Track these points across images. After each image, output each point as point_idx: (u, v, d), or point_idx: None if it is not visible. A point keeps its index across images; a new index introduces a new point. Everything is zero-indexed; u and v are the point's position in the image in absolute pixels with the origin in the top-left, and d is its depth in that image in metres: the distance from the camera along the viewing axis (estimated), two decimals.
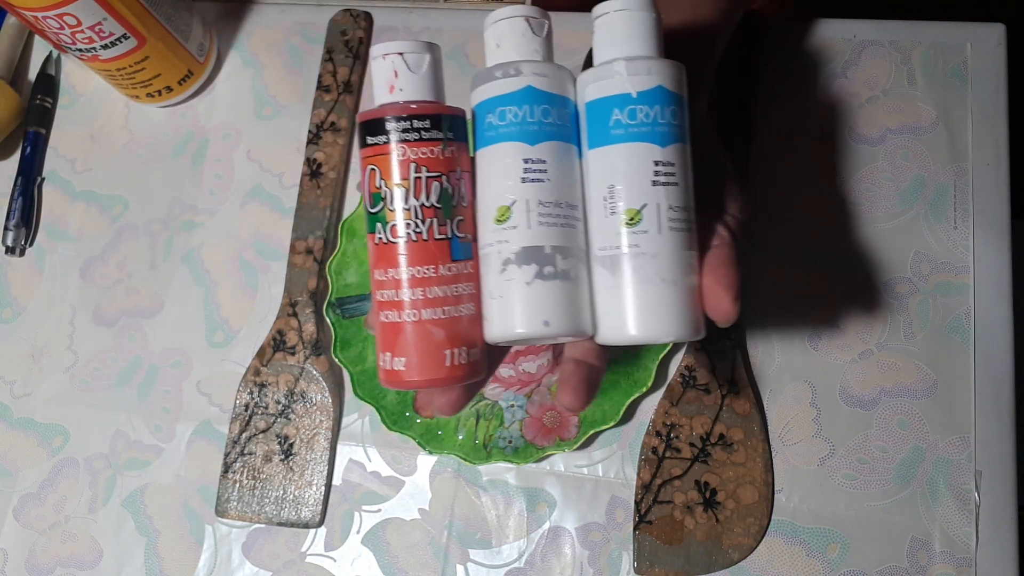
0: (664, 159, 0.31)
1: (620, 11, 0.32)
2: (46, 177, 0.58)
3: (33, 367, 0.54)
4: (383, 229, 0.31)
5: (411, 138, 0.31)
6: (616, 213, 0.31)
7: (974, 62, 0.51)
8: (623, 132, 0.31)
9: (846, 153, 0.51)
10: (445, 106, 0.32)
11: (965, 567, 0.44)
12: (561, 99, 0.32)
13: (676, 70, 0.32)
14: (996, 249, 0.48)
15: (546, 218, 0.31)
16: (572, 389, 0.32)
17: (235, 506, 0.49)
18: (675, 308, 0.30)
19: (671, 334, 0.30)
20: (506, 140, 0.31)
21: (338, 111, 0.55)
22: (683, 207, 0.31)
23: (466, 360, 0.31)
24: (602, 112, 0.31)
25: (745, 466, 0.46)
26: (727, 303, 0.31)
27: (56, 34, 0.49)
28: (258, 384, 0.50)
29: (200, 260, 0.54)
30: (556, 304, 0.31)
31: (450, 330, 0.31)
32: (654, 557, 0.45)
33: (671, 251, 0.31)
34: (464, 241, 0.31)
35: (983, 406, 0.46)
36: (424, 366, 0.31)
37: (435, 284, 0.31)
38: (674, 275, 0.30)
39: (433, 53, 0.32)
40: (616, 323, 0.31)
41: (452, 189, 0.31)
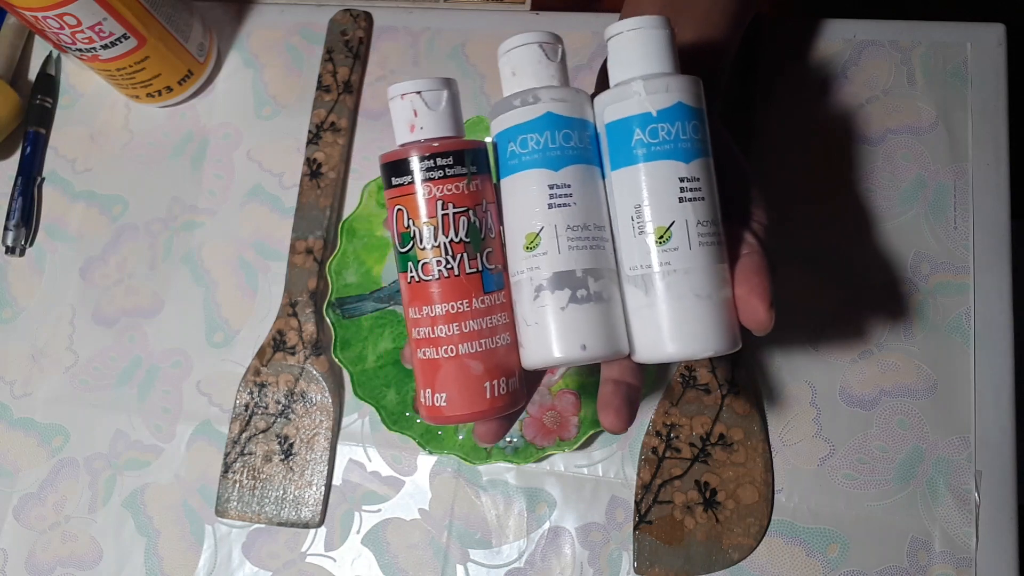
0: (689, 175, 0.30)
1: (633, 30, 0.32)
2: (46, 177, 0.58)
3: (33, 367, 0.54)
4: (415, 268, 0.31)
5: (436, 176, 0.31)
6: (645, 232, 0.31)
7: (974, 62, 0.51)
8: (646, 151, 0.31)
9: (846, 153, 0.51)
10: (467, 140, 0.32)
11: (965, 567, 0.44)
12: (581, 122, 0.32)
13: (694, 85, 0.32)
14: (996, 249, 0.48)
15: (575, 242, 0.31)
16: (615, 411, 0.32)
17: (235, 506, 0.49)
18: (711, 322, 0.30)
19: (709, 349, 0.30)
20: (530, 167, 0.31)
21: (338, 111, 0.55)
22: (711, 220, 0.31)
23: (506, 390, 0.31)
24: (623, 132, 0.31)
25: (745, 466, 0.46)
26: (762, 312, 0.31)
27: (56, 34, 0.49)
28: (258, 384, 0.50)
29: (200, 260, 0.54)
30: (592, 327, 0.31)
31: (488, 362, 0.31)
32: (654, 557, 0.45)
33: (703, 266, 0.30)
34: (495, 272, 0.32)
35: (983, 406, 0.46)
36: (466, 400, 0.31)
37: (470, 318, 0.31)
38: (708, 289, 0.30)
39: (450, 88, 0.32)
40: (653, 341, 0.31)
41: (479, 222, 0.31)
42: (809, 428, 0.47)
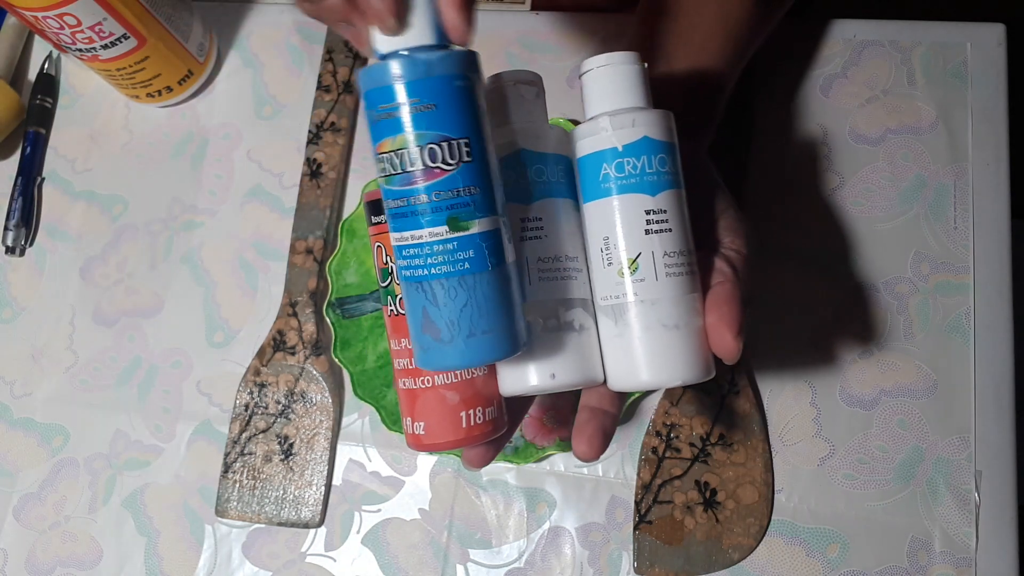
0: (655, 207, 0.31)
1: (603, 67, 0.32)
2: (46, 177, 0.58)
3: (33, 367, 0.54)
4: (393, 302, 0.32)
5: None
6: (613, 264, 0.31)
7: (974, 62, 0.51)
8: (612, 185, 0.31)
9: (846, 153, 0.51)
10: None
11: (965, 567, 0.44)
12: (554, 157, 0.33)
13: (662, 118, 0.32)
14: (996, 249, 0.48)
15: (546, 273, 0.32)
16: (587, 439, 0.32)
17: (235, 506, 0.49)
18: (681, 352, 0.31)
19: (679, 378, 0.31)
20: None
21: (338, 111, 0.55)
22: (680, 251, 0.32)
23: (482, 419, 0.32)
24: (592, 167, 0.32)
25: (745, 466, 0.46)
26: (729, 340, 0.31)
27: (56, 34, 0.49)
28: (258, 384, 0.50)
29: (200, 260, 0.54)
30: (561, 356, 0.31)
31: (464, 393, 0.32)
32: (654, 557, 0.45)
33: (671, 296, 0.31)
34: None
35: (983, 406, 0.46)
36: (442, 429, 0.32)
37: None
38: (676, 320, 0.31)
39: None
40: (625, 371, 0.32)
41: None
42: (809, 428, 0.47)
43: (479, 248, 0.29)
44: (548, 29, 0.55)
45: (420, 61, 0.28)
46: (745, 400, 0.47)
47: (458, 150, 0.29)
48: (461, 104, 0.29)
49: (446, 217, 0.29)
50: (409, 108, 0.28)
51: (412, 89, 0.28)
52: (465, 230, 0.29)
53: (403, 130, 0.28)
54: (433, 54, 0.28)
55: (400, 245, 0.30)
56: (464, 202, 0.29)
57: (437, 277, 0.29)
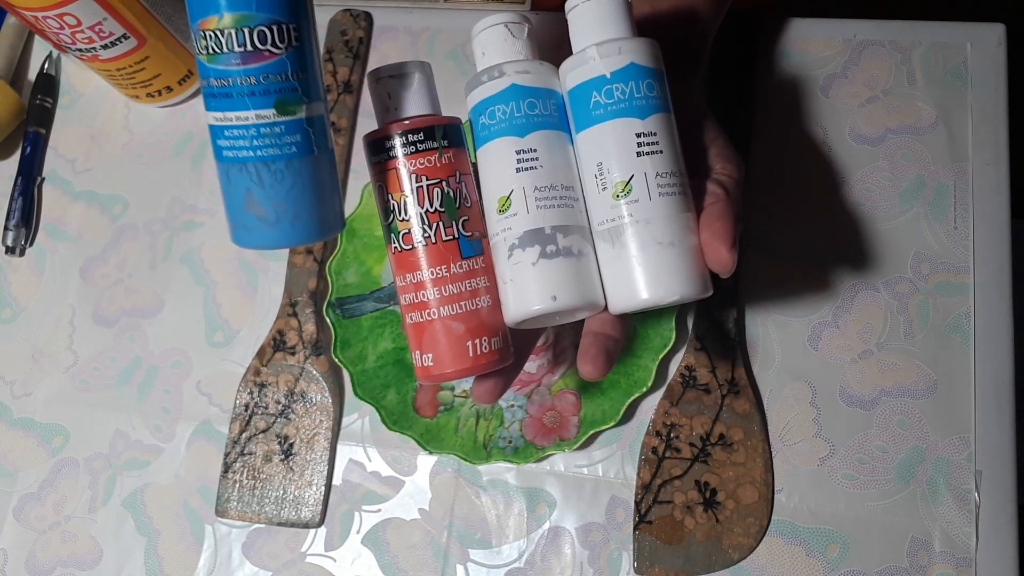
0: (645, 130, 0.32)
1: (587, 1, 0.34)
2: (46, 177, 0.58)
3: (33, 367, 0.54)
4: (396, 238, 0.33)
5: (409, 151, 0.33)
6: (607, 188, 0.32)
7: (974, 62, 0.51)
8: (603, 112, 0.32)
9: (846, 153, 0.51)
10: (438, 117, 0.34)
11: (965, 567, 0.44)
12: (546, 91, 0.34)
13: (647, 46, 0.33)
14: (996, 249, 0.48)
15: (543, 202, 0.33)
16: (591, 359, 0.34)
17: (235, 506, 0.49)
18: (677, 269, 0.32)
19: (676, 293, 0.32)
20: (498, 136, 0.33)
21: (338, 111, 0.55)
22: (671, 172, 0.32)
23: (489, 349, 0.33)
24: (583, 97, 0.33)
25: (745, 466, 0.46)
26: (724, 253, 0.32)
27: (56, 34, 0.49)
28: (258, 384, 0.50)
29: (200, 260, 0.54)
30: (562, 279, 0.32)
31: (469, 323, 0.33)
32: (654, 557, 0.45)
33: (665, 215, 0.32)
34: (472, 239, 0.33)
35: (983, 406, 0.46)
36: (450, 359, 0.33)
37: (449, 282, 0.32)
38: (671, 237, 0.32)
39: (421, 70, 0.34)
40: (624, 291, 0.32)
41: (453, 192, 0.33)
42: (809, 428, 0.47)
43: (306, 132, 0.30)
44: (548, 29, 0.55)
45: None
46: (745, 400, 0.47)
47: (287, 34, 0.29)
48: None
49: (274, 100, 0.29)
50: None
51: None
52: (293, 114, 0.29)
53: (233, 10, 0.28)
54: None
55: (222, 125, 0.30)
56: (292, 87, 0.29)
57: (264, 159, 0.29)
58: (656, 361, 0.46)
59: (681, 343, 0.48)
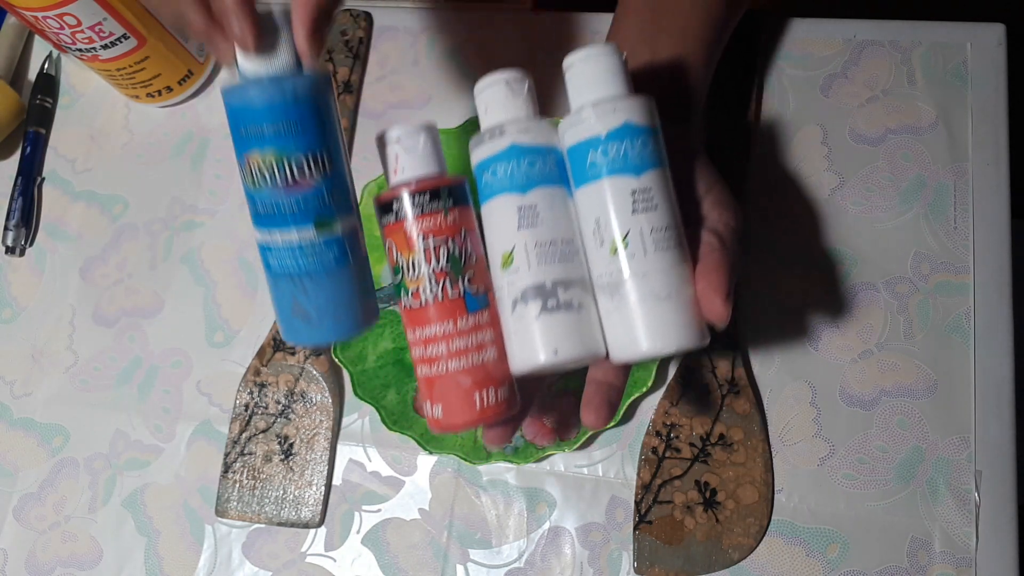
0: (640, 187, 0.33)
1: (583, 60, 0.35)
2: (46, 177, 0.58)
3: (33, 367, 0.54)
4: (406, 295, 0.35)
5: (416, 212, 0.34)
6: (605, 243, 0.33)
7: (974, 62, 0.51)
8: (599, 170, 0.33)
9: (846, 153, 0.51)
10: (444, 178, 0.35)
11: (965, 567, 0.44)
12: (545, 149, 0.35)
13: (643, 103, 0.34)
14: (996, 249, 0.48)
15: (544, 257, 0.34)
16: (594, 409, 0.35)
17: (235, 506, 0.49)
18: (674, 321, 0.33)
19: (675, 345, 0.32)
20: (500, 193, 0.34)
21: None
22: (667, 226, 0.33)
23: (495, 400, 0.34)
24: (580, 154, 0.34)
25: (745, 466, 0.46)
26: (719, 305, 0.33)
27: (56, 34, 0.49)
28: (258, 384, 0.50)
29: (200, 260, 0.54)
30: (563, 333, 0.33)
31: (476, 375, 0.34)
32: (654, 557, 0.45)
33: (661, 269, 0.33)
34: (477, 294, 0.35)
35: (983, 406, 0.46)
36: (458, 411, 0.34)
37: (456, 337, 0.34)
38: (667, 291, 0.33)
39: (428, 133, 0.35)
40: (624, 343, 0.33)
41: (459, 249, 0.34)
42: (809, 428, 0.47)
43: (342, 245, 0.33)
44: (548, 28, 0.55)
45: (288, 85, 0.32)
46: (745, 400, 0.47)
47: (322, 162, 0.33)
48: (324, 121, 0.33)
49: (314, 221, 0.33)
50: (281, 126, 0.32)
51: (283, 110, 0.32)
52: (330, 231, 0.33)
53: (274, 146, 0.32)
54: (299, 79, 0.32)
55: (269, 244, 0.33)
56: (329, 207, 0.33)
57: (307, 272, 0.33)
58: (656, 361, 0.46)
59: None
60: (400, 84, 0.56)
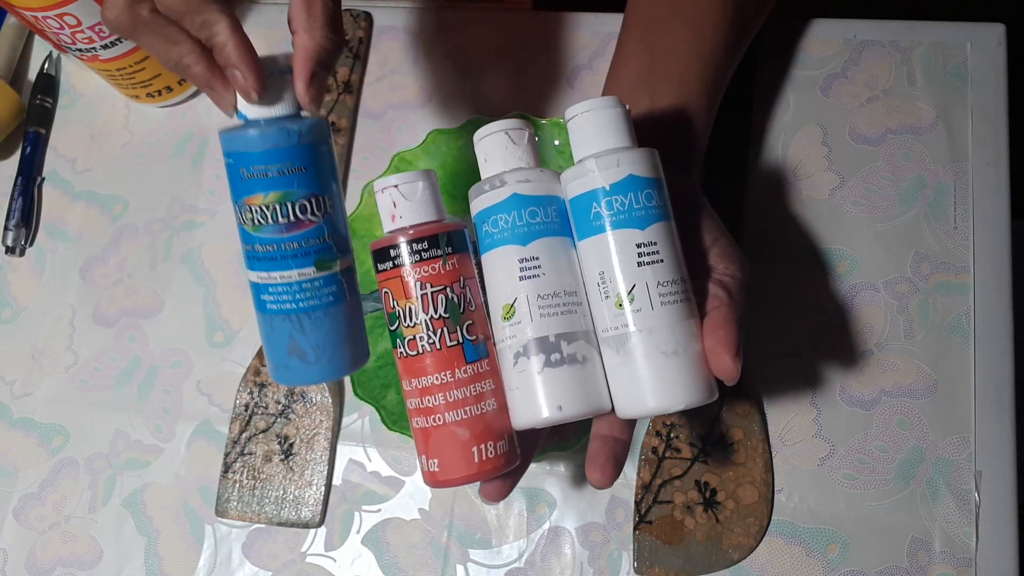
0: (645, 240, 0.32)
1: (586, 112, 0.34)
2: (46, 177, 0.58)
3: (33, 367, 0.54)
4: (402, 344, 0.34)
5: (413, 260, 0.34)
6: (610, 296, 0.33)
7: (974, 62, 0.51)
8: (603, 223, 0.33)
9: (846, 153, 0.51)
10: (442, 224, 0.35)
11: (965, 567, 0.44)
12: (547, 199, 0.34)
13: (646, 156, 0.33)
14: (996, 249, 0.48)
15: (547, 309, 0.33)
16: (600, 467, 0.34)
17: (235, 506, 0.49)
18: (682, 377, 0.32)
19: (683, 402, 0.32)
20: (501, 244, 0.34)
21: (338, 111, 0.55)
22: (673, 280, 0.33)
23: (494, 454, 0.33)
24: (583, 207, 0.33)
25: (745, 466, 0.46)
26: (728, 362, 0.32)
27: (56, 34, 0.49)
28: (258, 384, 0.50)
29: (200, 260, 0.54)
30: (567, 388, 0.33)
31: (474, 428, 0.33)
32: (654, 557, 0.45)
33: (668, 324, 0.32)
34: (476, 343, 0.34)
35: (983, 406, 0.46)
36: (455, 465, 0.33)
37: (454, 387, 0.33)
38: (675, 346, 0.32)
39: (426, 179, 0.35)
40: (631, 398, 0.33)
41: (457, 298, 0.34)
42: (809, 428, 0.47)
43: (340, 283, 0.34)
44: (548, 28, 0.55)
45: (293, 130, 0.32)
46: (745, 400, 0.47)
47: (323, 204, 0.33)
48: (324, 165, 0.33)
49: (314, 260, 0.33)
50: (283, 170, 0.32)
51: (287, 152, 0.32)
52: (330, 269, 0.34)
53: (278, 188, 0.32)
54: (302, 123, 0.33)
55: (267, 284, 0.33)
56: (328, 246, 0.34)
57: (305, 310, 0.33)
58: None
59: None
60: (400, 84, 0.56)
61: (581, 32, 0.54)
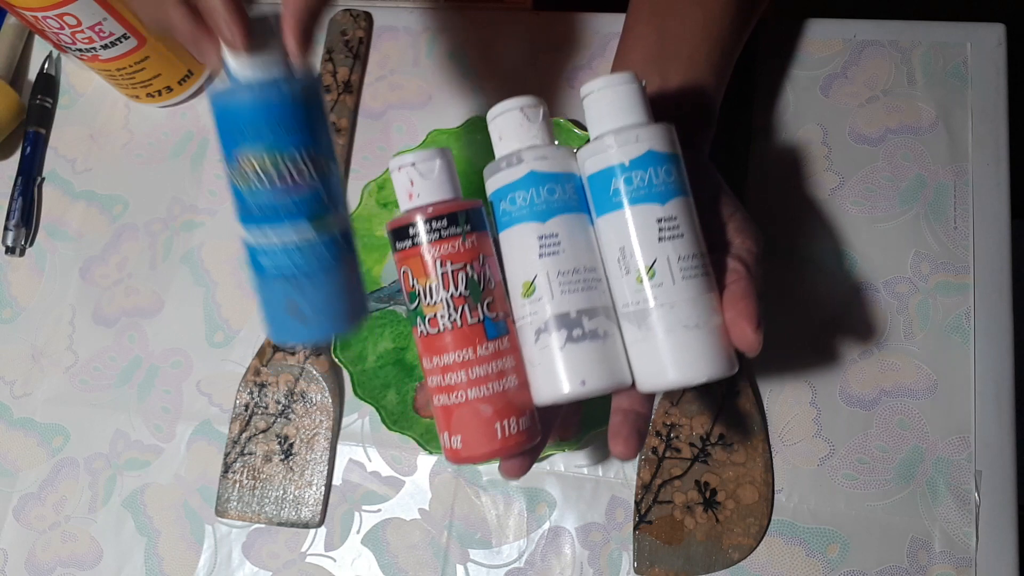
0: (666, 215, 0.32)
1: (603, 89, 0.34)
2: (46, 177, 0.58)
3: (33, 367, 0.54)
4: (423, 323, 0.34)
5: (433, 238, 0.33)
6: (631, 272, 0.33)
7: (974, 62, 0.51)
8: (623, 198, 0.33)
9: (846, 153, 0.51)
10: (460, 202, 0.34)
11: (965, 567, 0.44)
12: (564, 176, 0.34)
13: (664, 131, 0.33)
14: (996, 249, 0.48)
15: (567, 286, 0.33)
16: (623, 440, 0.34)
17: (235, 506, 0.49)
18: (703, 350, 0.32)
19: (704, 375, 0.32)
20: (520, 222, 0.34)
21: (338, 111, 0.55)
22: (693, 255, 0.33)
23: (516, 429, 0.33)
24: (602, 183, 0.33)
25: (745, 466, 0.46)
26: (750, 333, 0.32)
27: (56, 34, 0.49)
28: (258, 384, 0.50)
29: (200, 260, 0.54)
30: (589, 363, 0.33)
31: (497, 404, 0.33)
32: (654, 557, 0.45)
33: (689, 298, 0.32)
34: (497, 320, 0.34)
35: (983, 406, 0.46)
36: (478, 441, 0.33)
37: (476, 364, 0.33)
38: (696, 320, 0.32)
39: (443, 157, 0.35)
40: (652, 372, 0.33)
41: (478, 275, 0.34)
42: (809, 428, 0.47)
43: (338, 242, 0.33)
44: (549, 28, 0.55)
45: (282, 84, 0.32)
46: (745, 400, 0.47)
47: (317, 159, 0.32)
48: (317, 119, 0.33)
49: (312, 220, 0.32)
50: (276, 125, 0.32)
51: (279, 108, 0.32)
52: (327, 229, 0.33)
53: (273, 147, 0.32)
54: (292, 78, 0.32)
55: (262, 246, 0.33)
56: (325, 206, 0.33)
57: (304, 271, 0.33)
58: None
59: None
60: (400, 84, 0.56)
61: (581, 32, 0.54)
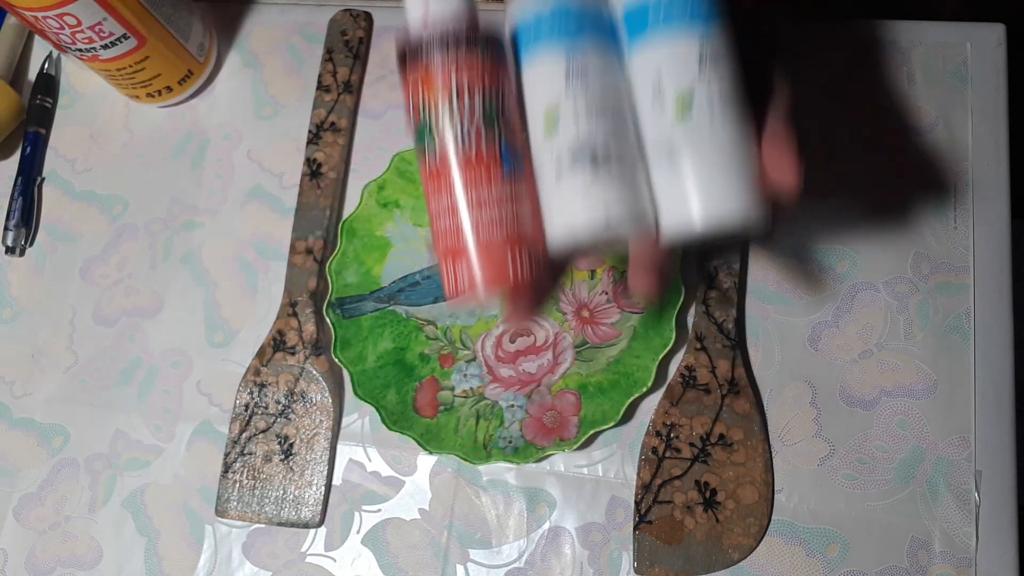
0: (708, 48, 0.30)
1: None
2: (46, 177, 0.58)
3: (33, 367, 0.54)
4: (432, 154, 0.30)
5: (450, 54, 0.30)
6: (665, 106, 0.30)
7: (974, 62, 0.51)
8: (662, 24, 0.30)
9: (846, 152, 0.51)
10: (478, 22, 0.31)
11: (965, 567, 0.44)
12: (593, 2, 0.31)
13: None
14: (996, 249, 0.48)
15: (593, 119, 0.30)
16: (645, 270, 0.31)
17: (235, 506, 0.49)
18: (735, 191, 0.30)
19: (736, 216, 0.30)
20: (545, 50, 0.31)
21: (338, 111, 0.55)
22: (732, 90, 0.30)
23: (528, 264, 0.31)
24: (639, 11, 0.31)
25: (745, 466, 0.46)
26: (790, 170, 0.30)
27: (56, 34, 0.49)
28: (258, 384, 0.50)
29: (200, 260, 0.54)
30: (613, 199, 0.30)
31: (510, 233, 0.30)
32: (654, 557, 0.45)
33: (725, 137, 0.30)
34: (514, 152, 0.31)
35: (983, 406, 0.46)
36: (488, 275, 0.30)
37: (488, 198, 0.30)
38: (730, 159, 0.30)
39: None
40: (679, 214, 0.30)
41: (494, 105, 0.30)
42: (809, 428, 0.47)
43: None
44: None
45: None
46: (745, 400, 0.47)
47: None
48: None
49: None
50: None
51: None
52: None
53: None
54: None
55: None
56: None
57: None
58: (656, 361, 0.46)
59: (681, 343, 0.48)
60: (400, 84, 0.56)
61: None
